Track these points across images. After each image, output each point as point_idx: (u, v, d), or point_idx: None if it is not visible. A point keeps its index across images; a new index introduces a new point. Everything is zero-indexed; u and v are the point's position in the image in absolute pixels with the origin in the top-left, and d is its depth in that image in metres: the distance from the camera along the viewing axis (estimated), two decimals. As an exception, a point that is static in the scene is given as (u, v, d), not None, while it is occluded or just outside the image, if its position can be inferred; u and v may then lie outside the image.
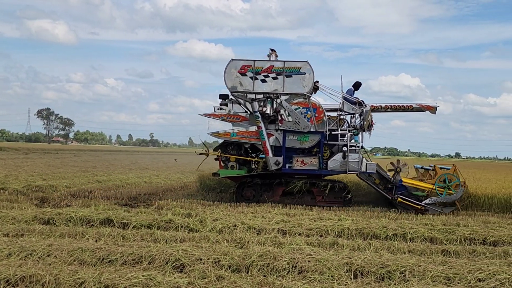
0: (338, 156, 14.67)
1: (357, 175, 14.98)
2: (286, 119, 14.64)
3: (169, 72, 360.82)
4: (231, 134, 14.92)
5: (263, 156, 14.98)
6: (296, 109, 14.67)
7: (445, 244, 9.59)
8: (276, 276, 6.97)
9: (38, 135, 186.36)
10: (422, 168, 17.29)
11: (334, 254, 7.93)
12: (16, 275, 6.44)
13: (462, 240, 9.94)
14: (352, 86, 16.09)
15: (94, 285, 6.21)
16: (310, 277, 6.90)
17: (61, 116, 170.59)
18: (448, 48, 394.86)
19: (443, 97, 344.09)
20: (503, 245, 9.61)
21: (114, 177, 22.39)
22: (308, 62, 14.58)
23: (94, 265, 7.30)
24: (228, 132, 14.91)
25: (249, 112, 14.94)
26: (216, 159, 15.60)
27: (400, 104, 15.83)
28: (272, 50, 15.69)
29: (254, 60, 14.71)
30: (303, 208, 13.63)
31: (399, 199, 14.30)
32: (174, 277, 6.64)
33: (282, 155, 14.70)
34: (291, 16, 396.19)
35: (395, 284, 6.79)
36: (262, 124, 14.59)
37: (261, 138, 14.62)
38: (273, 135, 14.76)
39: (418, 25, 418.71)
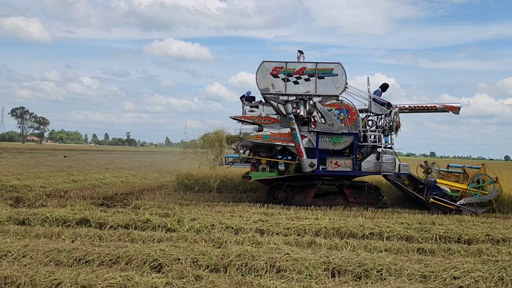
0: (371, 157, 14.70)
1: (385, 176, 14.96)
2: (319, 121, 14.55)
3: (145, 71, 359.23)
4: (264, 136, 14.73)
5: (290, 158, 15.06)
6: (329, 111, 14.59)
7: (421, 243, 9.70)
8: (255, 276, 6.99)
9: (12, 134, 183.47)
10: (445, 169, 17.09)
11: (311, 253, 7.96)
12: (-9, 276, 6.35)
13: (438, 238, 10.06)
14: (380, 87, 16.12)
15: (71, 286, 6.14)
16: (288, 277, 6.92)
17: (35, 115, 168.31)
18: (423, 49, 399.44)
19: (418, 97, 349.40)
20: (477, 243, 9.75)
21: (90, 177, 22.19)
22: (340, 64, 14.57)
23: (71, 266, 7.23)
24: (260, 134, 14.74)
25: (280, 114, 14.81)
26: (245, 161, 15.50)
27: (424, 105, 15.83)
28: (300, 51, 15.65)
29: (286, 62, 14.68)
30: (280, 207, 13.67)
31: (432, 200, 14.32)
32: (152, 278, 6.60)
33: (316, 157, 14.63)
34: (268, 16, 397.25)
35: (372, 282, 6.85)
36: (296, 126, 14.51)
37: (295, 140, 14.53)
38: (306, 137, 14.67)
39: (393, 25, 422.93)
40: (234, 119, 15.44)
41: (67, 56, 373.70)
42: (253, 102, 15.60)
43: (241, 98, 27.26)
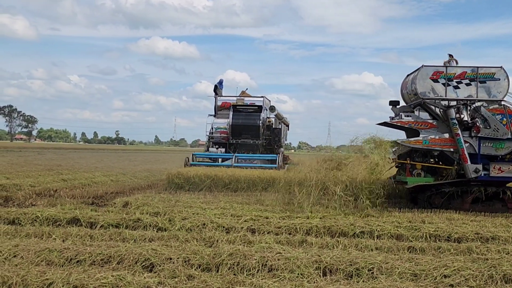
0: None
1: None
2: (482, 126, 14.24)
3: (133, 69, 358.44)
4: (423, 142, 14.42)
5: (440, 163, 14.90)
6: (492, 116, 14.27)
7: (411, 241, 9.75)
8: (246, 275, 7.00)
9: (0, 132, 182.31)
10: None
11: (303, 252, 7.99)
12: (-18, 277, 6.32)
13: (428, 237, 10.11)
14: None
15: (62, 286, 6.12)
16: (280, 275, 6.94)
17: (23, 113, 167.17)
18: (409, 48, 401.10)
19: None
20: (467, 241, 9.82)
21: (80, 176, 22.10)
22: (502, 68, 14.33)
23: (62, 266, 7.21)
24: (419, 139, 14.43)
25: (437, 119, 14.57)
26: (396, 166, 15.30)
27: None
28: (450, 55, 15.43)
29: (446, 66, 14.50)
30: (271, 206, 13.67)
31: None
32: (144, 277, 6.60)
33: (479, 162, 14.33)
34: (255, 14, 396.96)
35: (363, 281, 6.89)
36: (459, 131, 14.26)
37: (459, 146, 14.25)
38: (467, 142, 14.36)
39: (381, 24, 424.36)
40: (389, 124, 15.31)
41: (53, 54, 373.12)
42: (397, 106, 15.46)
43: (214, 88, 27.25)
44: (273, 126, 26.87)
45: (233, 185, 18.46)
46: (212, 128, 26.11)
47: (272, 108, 26.62)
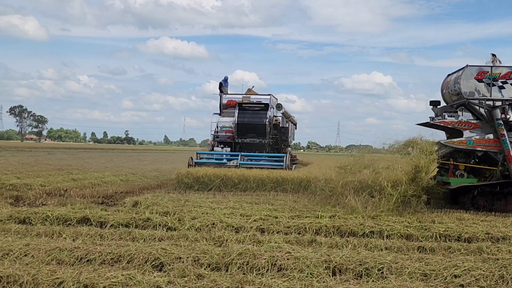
0: None
1: None
2: None
3: (142, 69, 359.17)
4: (467, 142, 14.39)
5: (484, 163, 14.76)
6: None
7: (421, 241, 9.72)
8: (256, 274, 7.00)
9: (11, 132, 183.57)
10: None
11: (312, 252, 7.98)
12: (-7, 275, 6.36)
13: (438, 236, 10.08)
14: None
15: (73, 285, 6.15)
16: (289, 275, 6.94)
17: (34, 114, 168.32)
18: (419, 47, 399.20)
19: (415, 95, 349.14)
20: (477, 241, 9.78)
21: (90, 175, 22.17)
22: None
23: (73, 265, 7.25)
24: (463, 140, 14.39)
25: (481, 119, 14.49)
26: (438, 167, 15.18)
27: None
28: (493, 55, 15.41)
29: (491, 66, 14.42)
30: (281, 206, 13.66)
31: None
32: (154, 276, 6.62)
33: None
34: (263, 14, 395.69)
35: (373, 281, 6.87)
36: (505, 132, 14.21)
37: (504, 146, 14.18)
38: None
39: (390, 24, 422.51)
40: (431, 124, 15.25)
41: (63, 54, 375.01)
42: (438, 106, 15.37)
43: (219, 85, 26.69)
44: (280, 125, 26.18)
45: (242, 185, 18.45)
46: (217, 127, 25.44)
47: (279, 106, 25.63)
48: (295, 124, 32.82)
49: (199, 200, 14.27)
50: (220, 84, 26.98)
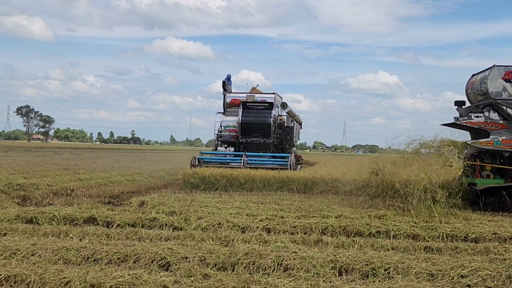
0: None
1: None
2: None
3: (148, 69, 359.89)
4: (495, 143, 14.24)
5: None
6: None
7: (428, 241, 9.69)
8: (262, 274, 7.01)
9: (18, 132, 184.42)
10: None
11: (318, 252, 7.97)
12: (1, 274, 6.39)
13: (444, 237, 10.05)
14: None
15: (79, 285, 6.18)
16: (295, 275, 6.93)
17: (41, 114, 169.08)
18: (426, 47, 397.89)
19: (422, 94, 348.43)
20: (484, 241, 9.74)
21: (97, 175, 22.24)
22: None
23: (79, 264, 7.27)
24: (490, 141, 14.23)
25: (508, 120, 14.35)
26: (464, 167, 14.77)
27: None
28: None
29: None
30: (287, 205, 13.65)
31: None
32: (160, 276, 6.63)
33: None
34: (269, 14, 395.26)
35: (379, 281, 6.86)
36: None
37: None
38: None
39: (396, 23, 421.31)
40: (456, 124, 15.17)
41: (69, 55, 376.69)
42: (463, 106, 15.31)
43: (223, 84, 26.17)
44: (285, 124, 25.54)
45: (249, 184, 18.46)
46: (220, 126, 24.97)
47: (284, 105, 25.14)
48: (300, 124, 32.30)
49: (205, 200, 14.28)
50: (224, 82, 26.57)
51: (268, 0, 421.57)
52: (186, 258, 7.46)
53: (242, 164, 21.12)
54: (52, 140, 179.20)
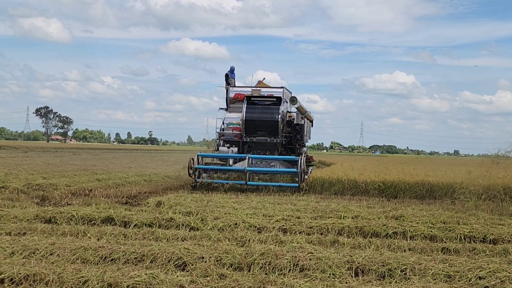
0: None
1: None
2: None
3: (165, 70, 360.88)
4: None
5: None
6: None
7: (445, 242, 9.63)
8: (278, 274, 7.01)
9: (37, 133, 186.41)
10: None
11: (335, 252, 7.95)
12: (20, 273, 6.47)
13: (462, 238, 9.96)
14: None
15: (97, 284, 6.24)
16: (311, 275, 6.93)
17: (59, 114, 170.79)
18: (442, 46, 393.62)
19: (439, 94, 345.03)
20: (503, 243, 9.64)
21: (114, 176, 22.41)
22: None
23: (97, 264, 7.34)
24: None
25: None
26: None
27: None
28: None
29: None
30: (303, 206, 13.64)
31: None
32: (177, 276, 6.67)
33: None
34: (284, 14, 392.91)
35: (396, 282, 6.82)
36: None
37: None
38: None
39: (413, 23, 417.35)
40: None
41: (86, 56, 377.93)
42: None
43: (226, 77, 24.69)
44: (295, 122, 22.86)
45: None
46: (223, 124, 22.39)
47: (293, 100, 21.42)
48: (312, 121, 28.21)
49: (222, 200, 14.33)
50: (226, 75, 23.89)
51: (283, 0, 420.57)
52: (203, 258, 7.50)
53: (245, 183, 18.60)
54: (71, 140, 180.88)
